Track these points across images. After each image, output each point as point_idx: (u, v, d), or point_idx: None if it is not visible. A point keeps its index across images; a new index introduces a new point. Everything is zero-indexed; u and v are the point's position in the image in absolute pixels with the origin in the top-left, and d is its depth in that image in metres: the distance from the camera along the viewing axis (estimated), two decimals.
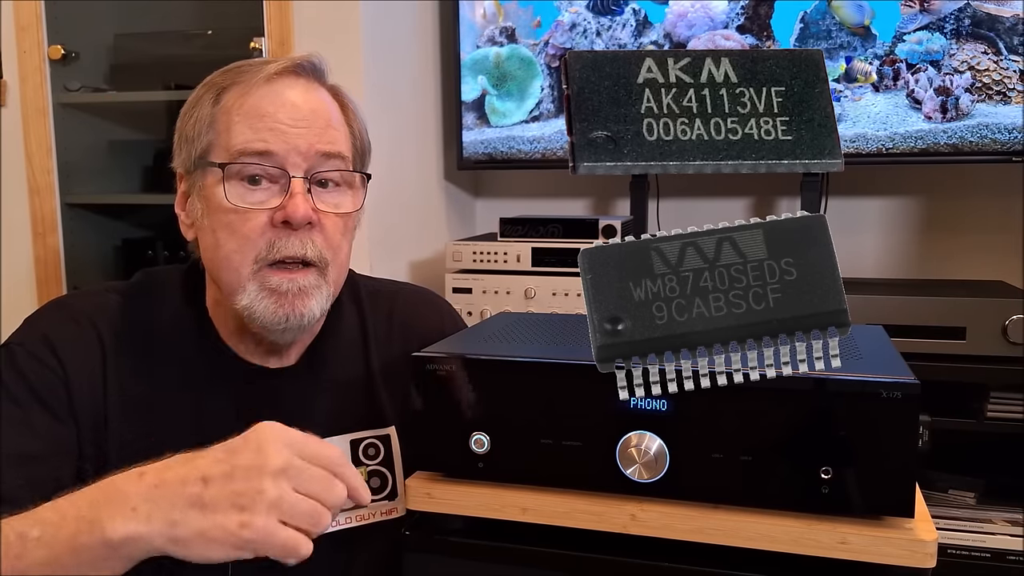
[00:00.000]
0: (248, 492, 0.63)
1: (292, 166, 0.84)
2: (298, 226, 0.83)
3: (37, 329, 0.88)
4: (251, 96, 0.85)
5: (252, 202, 0.83)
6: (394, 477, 0.94)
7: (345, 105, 0.92)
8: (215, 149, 0.85)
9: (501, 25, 1.99)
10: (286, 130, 0.84)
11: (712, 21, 1.87)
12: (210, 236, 0.86)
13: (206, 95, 0.87)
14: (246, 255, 0.84)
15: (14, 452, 0.80)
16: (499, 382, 0.73)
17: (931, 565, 0.64)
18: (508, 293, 1.80)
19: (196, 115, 0.87)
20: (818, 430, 0.66)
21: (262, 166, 0.83)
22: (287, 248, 0.83)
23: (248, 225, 0.83)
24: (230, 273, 0.85)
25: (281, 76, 0.86)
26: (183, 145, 0.88)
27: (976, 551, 1.59)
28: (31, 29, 1.87)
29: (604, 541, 0.71)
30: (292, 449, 0.65)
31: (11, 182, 1.92)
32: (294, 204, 0.83)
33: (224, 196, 0.83)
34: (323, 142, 0.85)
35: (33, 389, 0.83)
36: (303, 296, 0.85)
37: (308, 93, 0.87)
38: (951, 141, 1.74)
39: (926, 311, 1.57)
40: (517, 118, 2.01)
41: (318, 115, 0.86)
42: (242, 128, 0.84)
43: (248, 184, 0.84)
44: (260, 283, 0.84)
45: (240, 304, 0.85)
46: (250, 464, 0.64)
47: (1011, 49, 1.69)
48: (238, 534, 0.63)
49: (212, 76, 0.89)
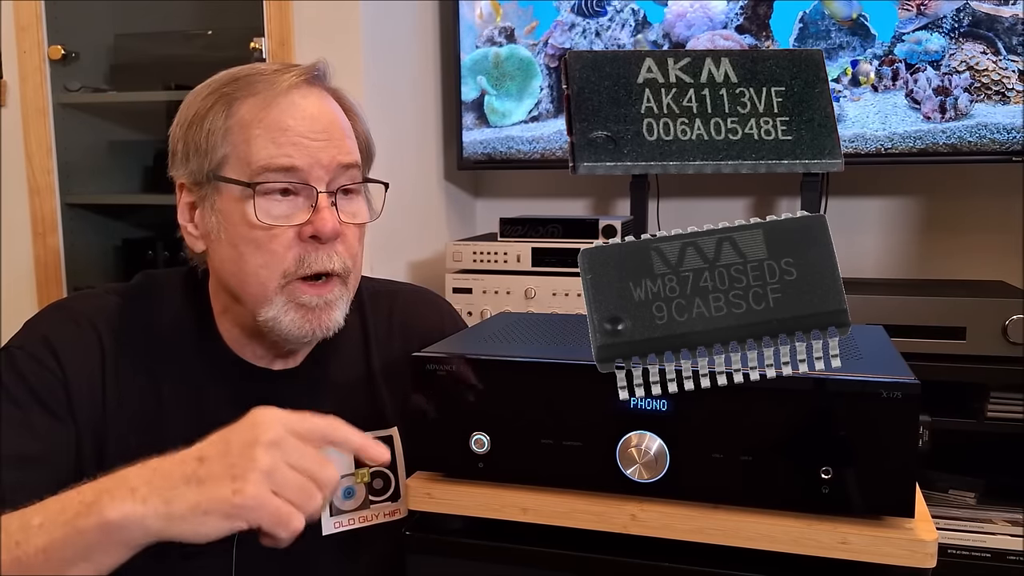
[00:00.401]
0: (241, 462, 0.63)
1: (316, 180, 0.84)
2: (327, 240, 0.83)
3: (37, 331, 0.88)
4: (271, 109, 0.84)
5: (278, 217, 0.83)
6: (397, 478, 0.94)
7: (350, 109, 0.91)
8: (231, 163, 0.84)
9: (500, 25, 1.99)
10: (308, 144, 0.83)
11: (711, 21, 1.87)
12: (230, 250, 0.85)
13: (216, 105, 0.85)
14: (273, 270, 0.83)
15: (14, 453, 0.80)
16: (499, 382, 0.73)
17: (931, 565, 0.64)
18: (508, 293, 1.80)
19: (207, 127, 0.85)
20: (818, 430, 0.66)
21: (289, 181, 0.83)
22: (317, 263, 0.84)
23: (276, 241, 0.83)
24: (256, 287, 0.84)
25: (298, 88, 0.86)
26: (192, 156, 0.86)
27: (976, 551, 1.59)
28: (31, 29, 1.87)
29: (604, 541, 0.71)
30: (286, 426, 0.66)
31: (11, 182, 1.92)
32: (322, 219, 0.83)
33: (252, 213, 0.82)
34: (343, 154, 0.86)
35: (33, 391, 0.83)
36: (329, 309, 0.85)
37: (322, 103, 0.87)
38: (950, 141, 1.74)
39: (926, 311, 1.57)
40: (516, 118, 2.01)
41: (335, 126, 0.86)
42: (264, 143, 0.83)
43: (275, 199, 0.83)
44: (288, 297, 0.84)
45: (264, 316, 0.84)
46: (244, 438, 0.65)
47: (1010, 49, 1.70)
48: (230, 500, 0.62)
49: (217, 85, 0.87)
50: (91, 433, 0.85)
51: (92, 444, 0.85)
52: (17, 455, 0.80)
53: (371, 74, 1.76)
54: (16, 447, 0.80)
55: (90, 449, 0.85)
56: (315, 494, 0.65)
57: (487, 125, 2.03)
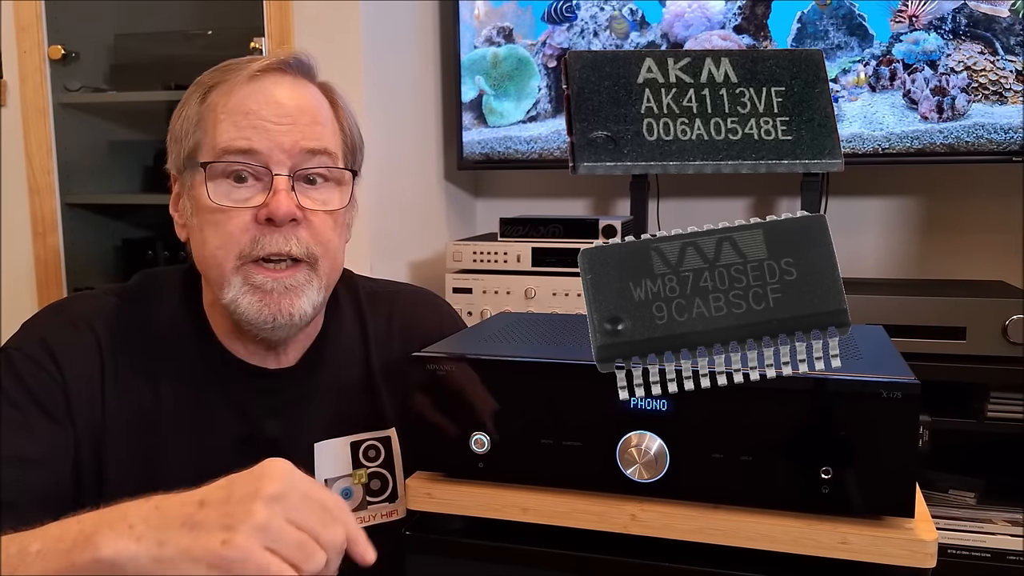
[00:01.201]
0: (238, 513, 0.61)
1: (276, 163, 0.84)
2: (281, 223, 0.83)
3: (35, 333, 0.88)
4: (235, 94, 0.85)
5: (236, 200, 0.84)
6: (394, 479, 0.94)
7: (335, 102, 0.92)
8: (202, 148, 0.85)
9: (498, 25, 1.99)
10: (270, 127, 0.84)
11: (709, 21, 1.87)
12: (198, 234, 0.86)
13: (194, 94, 0.88)
14: (229, 251, 0.84)
15: (13, 456, 0.80)
16: (499, 382, 0.73)
17: (931, 565, 0.64)
18: (508, 293, 1.80)
19: (184, 114, 0.87)
20: (818, 430, 0.65)
21: (246, 164, 0.83)
22: (271, 244, 0.83)
23: (232, 222, 0.83)
24: (215, 270, 0.85)
25: (266, 73, 0.86)
26: (173, 145, 0.88)
27: (976, 551, 1.59)
28: (31, 29, 1.87)
29: (604, 541, 0.71)
30: (292, 484, 0.64)
31: (11, 182, 1.92)
32: (276, 201, 0.82)
33: (207, 195, 0.83)
34: (308, 139, 0.85)
35: (31, 393, 0.83)
36: (291, 295, 0.85)
37: (294, 90, 0.87)
38: (947, 141, 1.74)
39: (926, 311, 1.57)
40: (514, 118, 2.01)
41: (304, 112, 0.86)
42: (226, 126, 0.84)
43: (233, 182, 0.84)
44: (243, 278, 0.84)
45: (226, 299, 0.85)
46: (247, 489, 0.62)
47: (1008, 49, 1.70)
48: (218, 552, 0.60)
49: (202, 75, 0.89)
50: (89, 436, 0.85)
51: (90, 446, 0.85)
52: (17, 457, 0.80)
53: (371, 74, 1.76)
54: (15, 449, 0.80)
55: (88, 451, 0.84)
56: (315, 553, 0.62)
57: (485, 125, 2.03)
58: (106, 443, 0.85)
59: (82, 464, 0.84)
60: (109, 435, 0.85)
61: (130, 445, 0.85)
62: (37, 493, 0.79)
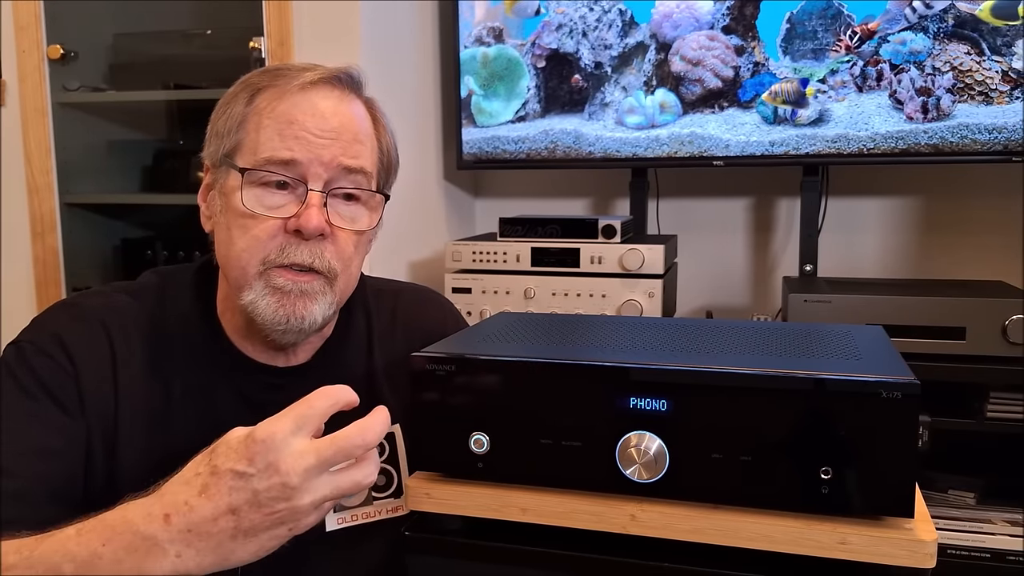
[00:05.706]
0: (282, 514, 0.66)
1: (313, 177, 0.84)
2: (309, 237, 0.84)
3: (46, 327, 0.88)
4: (284, 101, 0.85)
5: (268, 206, 0.84)
6: (399, 475, 0.94)
7: (377, 119, 0.92)
8: (241, 150, 0.86)
9: (489, 25, 1.99)
10: (312, 140, 0.84)
11: (697, 21, 1.87)
12: (225, 232, 0.87)
13: (241, 93, 0.88)
14: (255, 255, 0.84)
15: (29, 446, 0.80)
16: (499, 382, 0.73)
17: (931, 565, 0.64)
18: (508, 293, 1.80)
19: (229, 111, 0.87)
20: (818, 430, 0.65)
21: (284, 175, 0.84)
22: (296, 255, 0.84)
23: (260, 227, 0.84)
24: (238, 270, 0.86)
25: (317, 85, 0.87)
26: (213, 139, 0.89)
27: (976, 551, 1.59)
28: (30, 29, 1.87)
29: (604, 541, 0.71)
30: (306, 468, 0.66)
31: (10, 182, 1.92)
32: (308, 216, 0.83)
33: (240, 199, 0.84)
34: (347, 156, 0.86)
35: (44, 385, 0.83)
36: (305, 299, 0.85)
37: (341, 104, 0.87)
38: (931, 141, 1.75)
39: (926, 311, 1.56)
40: (503, 118, 2.01)
41: (347, 128, 0.87)
42: (270, 134, 0.84)
43: (268, 188, 0.84)
44: (265, 282, 0.85)
45: (245, 300, 0.85)
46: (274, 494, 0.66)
47: (994, 50, 1.70)
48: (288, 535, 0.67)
49: (251, 75, 0.90)
50: (101, 430, 0.85)
51: (102, 440, 0.85)
52: (32, 448, 0.80)
53: (371, 74, 1.76)
54: (30, 440, 0.80)
55: (99, 445, 0.85)
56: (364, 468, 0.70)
57: (474, 125, 2.03)
58: (117, 437, 0.85)
59: (93, 457, 0.84)
60: (120, 429, 0.86)
61: (140, 440, 0.86)
62: (51, 485, 0.79)
